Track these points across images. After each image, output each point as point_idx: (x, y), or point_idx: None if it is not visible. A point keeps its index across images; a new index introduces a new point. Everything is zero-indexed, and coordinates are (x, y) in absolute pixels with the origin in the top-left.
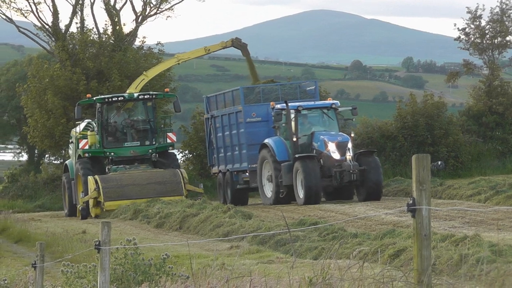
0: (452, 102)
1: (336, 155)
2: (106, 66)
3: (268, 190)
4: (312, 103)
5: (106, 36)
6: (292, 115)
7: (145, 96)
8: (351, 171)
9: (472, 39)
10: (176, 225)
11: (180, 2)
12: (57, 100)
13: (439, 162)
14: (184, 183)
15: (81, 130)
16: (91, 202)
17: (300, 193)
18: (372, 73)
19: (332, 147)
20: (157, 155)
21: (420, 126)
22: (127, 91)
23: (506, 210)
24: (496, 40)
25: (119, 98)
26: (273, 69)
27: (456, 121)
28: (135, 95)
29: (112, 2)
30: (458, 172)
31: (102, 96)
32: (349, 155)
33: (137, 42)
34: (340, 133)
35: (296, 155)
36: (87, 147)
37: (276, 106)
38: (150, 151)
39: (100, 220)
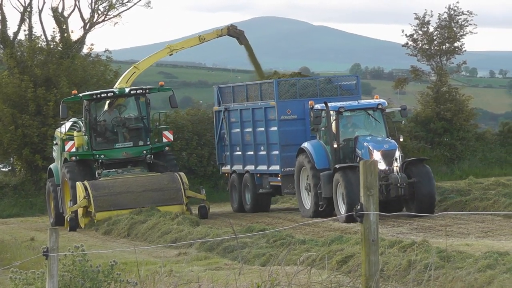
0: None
1: (382, 165)
2: (54, 74)
3: (307, 201)
4: (356, 103)
5: (54, 43)
6: (333, 117)
7: (138, 91)
8: (398, 184)
9: (420, 45)
10: (124, 232)
11: (128, 9)
12: (5, 107)
13: None
14: (184, 189)
15: (66, 130)
16: (80, 211)
17: (342, 208)
18: None
19: (377, 156)
20: (152, 156)
21: None
22: (117, 86)
23: (454, 216)
24: (444, 46)
25: (108, 94)
26: (221, 76)
27: (404, 127)
28: (127, 90)
29: (60, 9)
30: None
31: (89, 92)
32: (396, 165)
33: (85, 49)
34: (387, 139)
35: (337, 166)
36: (74, 149)
37: (316, 106)
38: (144, 152)
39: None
